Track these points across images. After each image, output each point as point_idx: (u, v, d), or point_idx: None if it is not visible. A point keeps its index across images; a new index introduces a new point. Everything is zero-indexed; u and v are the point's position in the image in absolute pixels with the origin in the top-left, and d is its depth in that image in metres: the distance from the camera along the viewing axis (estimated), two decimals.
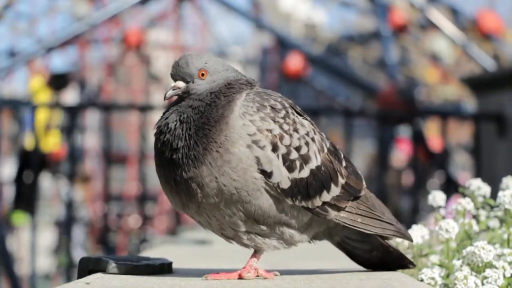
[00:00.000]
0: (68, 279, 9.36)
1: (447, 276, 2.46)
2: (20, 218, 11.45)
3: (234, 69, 2.28)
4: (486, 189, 2.70)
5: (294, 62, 13.27)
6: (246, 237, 2.21)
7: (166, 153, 2.17)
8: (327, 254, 3.03)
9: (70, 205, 9.62)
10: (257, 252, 2.25)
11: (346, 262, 2.54)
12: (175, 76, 2.25)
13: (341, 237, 2.38)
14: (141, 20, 15.81)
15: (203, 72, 2.24)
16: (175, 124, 2.17)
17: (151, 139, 2.26)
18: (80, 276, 2.28)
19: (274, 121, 2.18)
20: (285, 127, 2.19)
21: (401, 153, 11.56)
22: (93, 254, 12.08)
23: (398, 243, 2.59)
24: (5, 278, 9.79)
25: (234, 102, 2.18)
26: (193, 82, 2.23)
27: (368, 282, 2.21)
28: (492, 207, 2.69)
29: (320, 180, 2.22)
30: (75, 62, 17.41)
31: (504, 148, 7.93)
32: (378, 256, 2.42)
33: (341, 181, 2.27)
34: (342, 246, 2.43)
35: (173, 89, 2.23)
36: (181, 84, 2.24)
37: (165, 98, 2.23)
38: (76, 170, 11.41)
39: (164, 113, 2.22)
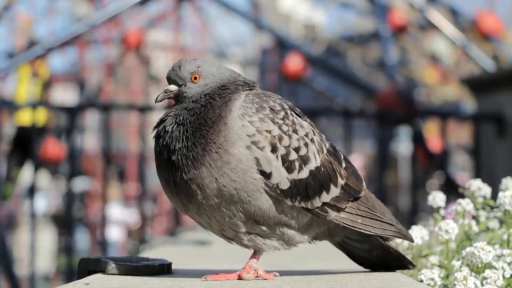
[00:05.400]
0: (68, 279, 9.36)
1: (447, 277, 2.46)
2: (8, 189, 11.41)
3: (232, 71, 2.28)
4: (486, 189, 2.70)
5: (294, 63, 13.25)
6: (246, 238, 2.21)
7: (164, 155, 2.17)
8: (327, 254, 3.03)
9: (70, 205, 9.61)
10: (256, 253, 2.25)
11: (346, 263, 2.53)
12: (169, 80, 2.27)
13: (341, 237, 2.38)
14: (141, 21, 15.80)
15: (195, 76, 2.24)
16: (172, 127, 2.18)
17: (151, 140, 2.27)
18: (80, 276, 2.28)
19: (273, 122, 2.18)
20: (284, 128, 2.19)
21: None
22: (92, 254, 12.07)
23: (398, 243, 2.59)
24: (5, 279, 9.79)
25: (231, 102, 2.18)
26: (185, 86, 2.24)
27: (367, 282, 2.21)
28: (492, 208, 2.69)
29: (320, 181, 2.22)
30: (74, 63, 17.43)
31: (503, 149, 7.92)
32: (378, 256, 2.42)
33: (341, 182, 2.27)
34: (342, 246, 2.43)
35: (165, 92, 2.25)
36: (173, 87, 2.25)
37: (156, 101, 2.26)
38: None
39: (161, 117, 2.24)
